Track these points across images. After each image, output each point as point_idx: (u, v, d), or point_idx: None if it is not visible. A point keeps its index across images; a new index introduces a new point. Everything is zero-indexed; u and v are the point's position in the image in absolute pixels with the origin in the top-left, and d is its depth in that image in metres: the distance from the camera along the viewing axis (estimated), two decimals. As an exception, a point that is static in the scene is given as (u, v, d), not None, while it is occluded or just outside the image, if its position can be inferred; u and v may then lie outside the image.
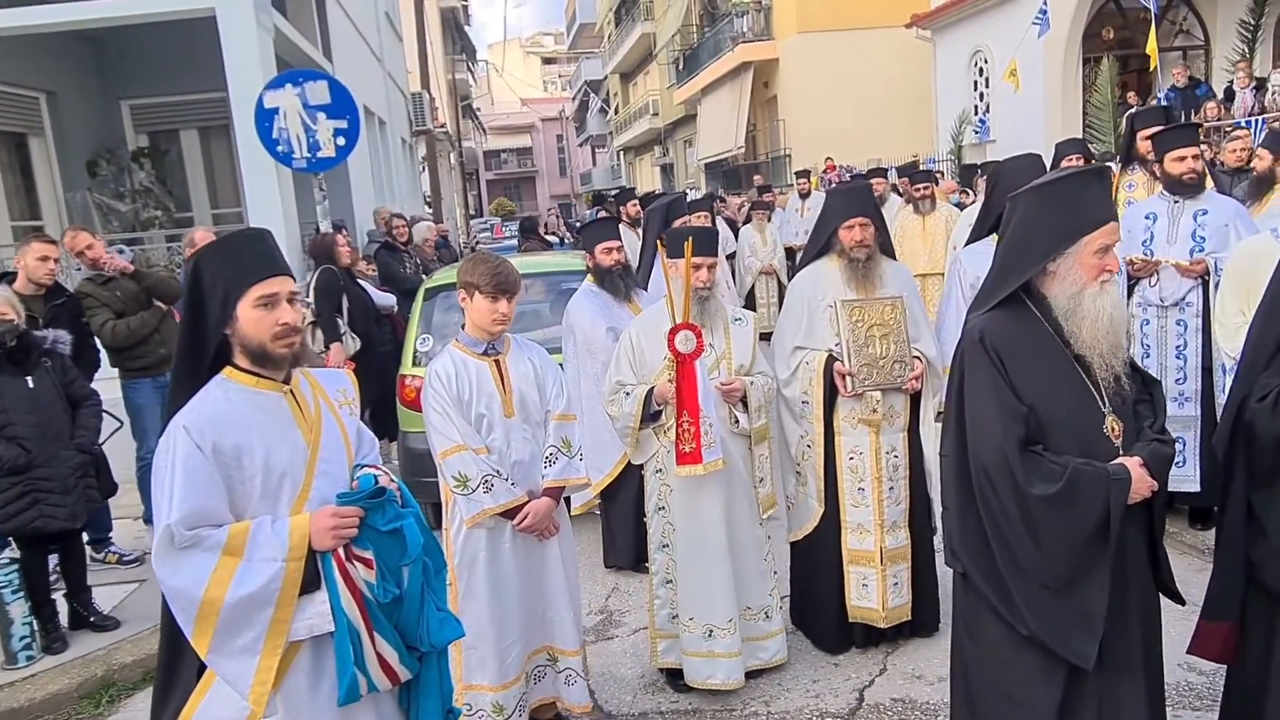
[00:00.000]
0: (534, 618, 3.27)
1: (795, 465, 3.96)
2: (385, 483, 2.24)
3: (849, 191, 3.90)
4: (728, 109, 24.61)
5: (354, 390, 2.47)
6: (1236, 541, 2.55)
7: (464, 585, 3.20)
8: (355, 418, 2.43)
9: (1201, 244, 4.50)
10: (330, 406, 2.33)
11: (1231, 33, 14.43)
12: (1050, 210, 2.33)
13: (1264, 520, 2.47)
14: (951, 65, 17.65)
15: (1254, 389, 2.44)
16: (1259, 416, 2.39)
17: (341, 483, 2.25)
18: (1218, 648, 2.65)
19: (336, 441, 2.28)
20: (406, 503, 2.29)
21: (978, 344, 2.37)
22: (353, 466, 2.31)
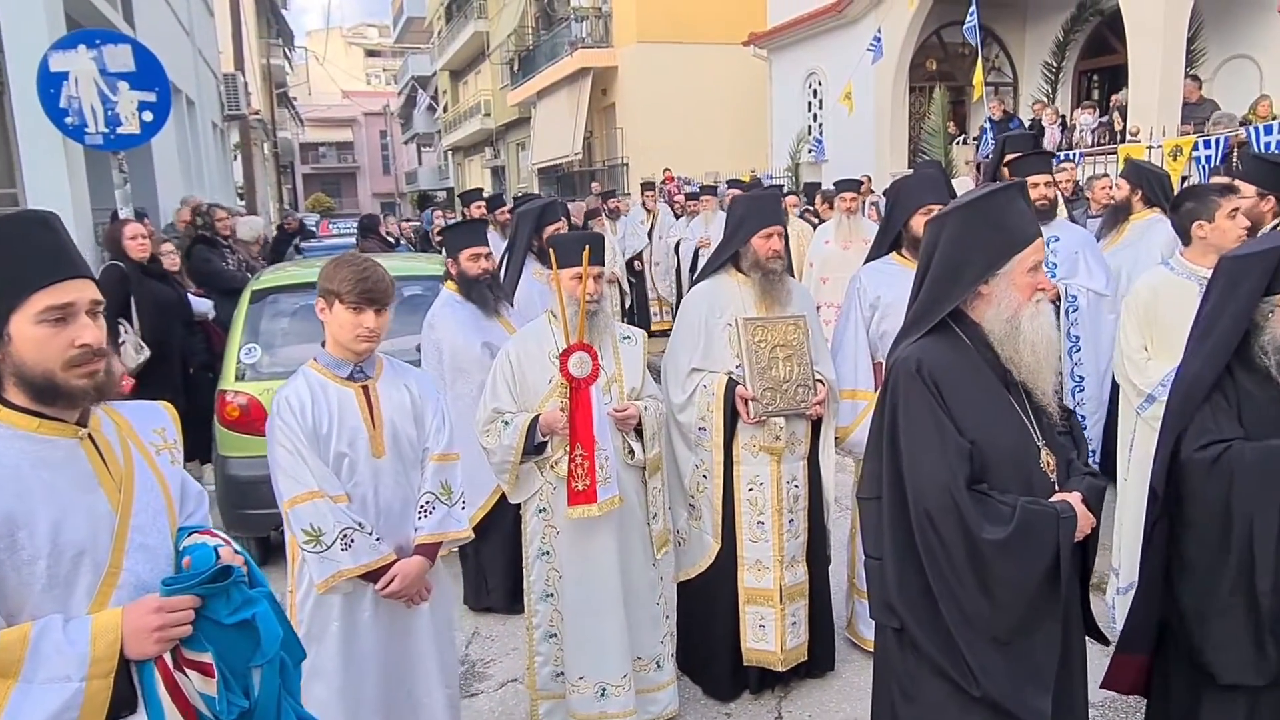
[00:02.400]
0: (398, 700, 2.70)
1: (688, 497, 3.62)
2: (229, 557, 1.69)
3: (763, 198, 3.60)
4: (565, 114, 24.26)
5: (175, 429, 1.88)
6: (1156, 576, 2.44)
7: (310, 662, 2.61)
8: (178, 466, 1.85)
9: (1053, 270, 4.54)
10: (145, 454, 1.75)
11: (1037, 73, 15.61)
12: (979, 229, 2.14)
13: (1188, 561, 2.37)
14: (786, 85, 18.12)
15: (1190, 429, 2.32)
16: (1194, 468, 2.28)
17: (164, 559, 1.68)
18: (1130, 680, 2.59)
19: (155, 503, 1.71)
20: (256, 581, 1.75)
21: (914, 375, 2.13)
22: (177, 533, 1.75)
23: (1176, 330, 3.54)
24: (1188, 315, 3.52)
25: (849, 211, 7.44)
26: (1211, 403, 2.28)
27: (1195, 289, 3.52)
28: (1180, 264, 3.59)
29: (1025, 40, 16.08)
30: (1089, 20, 14.67)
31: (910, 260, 3.63)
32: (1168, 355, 3.56)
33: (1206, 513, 2.25)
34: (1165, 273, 3.61)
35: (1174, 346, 3.55)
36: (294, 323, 5.16)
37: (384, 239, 9.20)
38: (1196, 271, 3.53)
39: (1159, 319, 3.55)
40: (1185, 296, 3.53)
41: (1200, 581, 2.28)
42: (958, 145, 12.77)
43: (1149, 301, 3.55)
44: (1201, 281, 3.51)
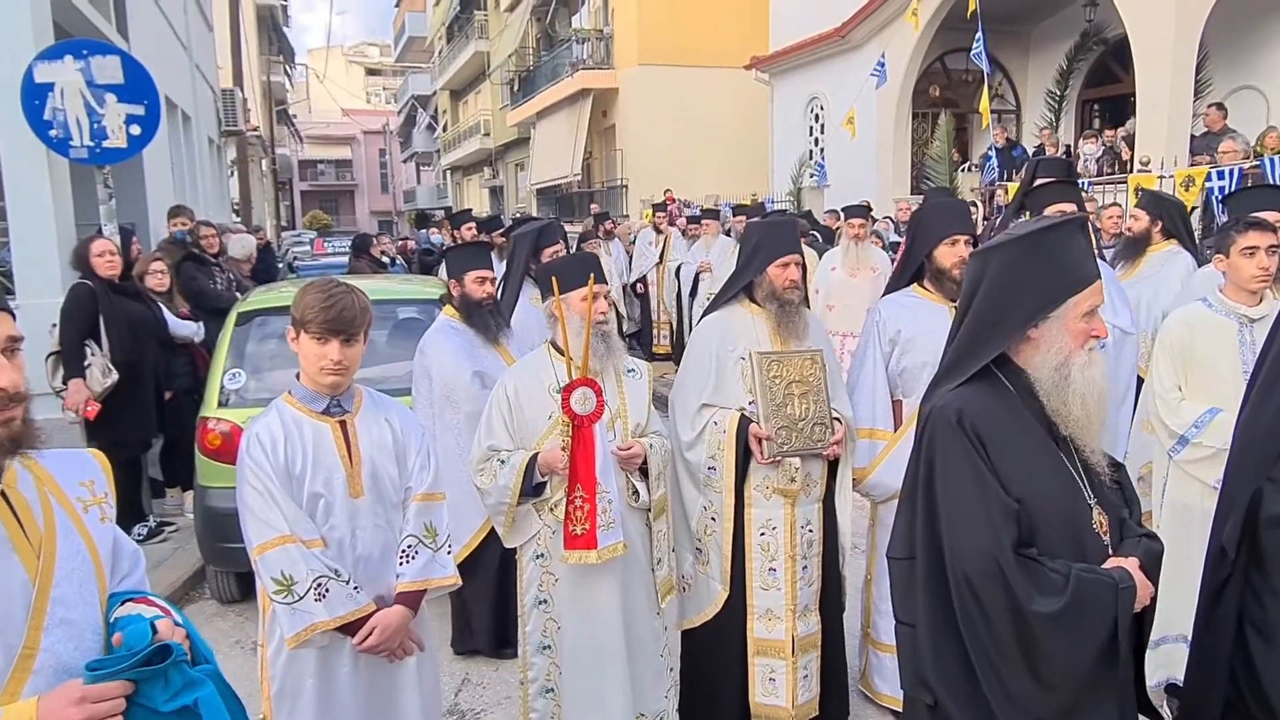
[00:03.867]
0: (380, 765, 2.47)
1: (695, 541, 3.39)
2: (167, 632, 1.45)
3: (779, 225, 3.40)
4: (564, 135, 24.17)
5: (106, 480, 1.64)
6: (1224, 644, 2.21)
7: (283, 725, 2.38)
8: (110, 523, 1.60)
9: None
10: (70, 511, 1.51)
11: (1040, 101, 15.53)
12: (1032, 267, 1.93)
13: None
14: (788, 109, 18.02)
15: (1270, 486, 2.10)
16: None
17: (91, 635, 1.45)
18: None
19: (82, 569, 1.48)
20: (200, 657, 1.51)
21: (955, 426, 1.91)
22: (107, 602, 1.51)
23: (1213, 370, 3.35)
24: (1225, 354, 3.36)
25: (857, 238, 7.26)
26: None
27: (1234, 327, 3.34)
28: (1220, 300, 3.39)
29: (1029, 68, 16.01)
30: (1093, 49, 14.60)
31: (932, 293, 3.43)
32: (1202, 396, 3.36)
33: None
34: (1203, 309, 3.40)
35: (1209, 387, 3.36)
36: (283, 347, 4.91)
37: (376, 259, 8.94)
38: (1236, 309, 3.34)
39: (1194, 357, 3.35)
40: (1224, 335, 3.35)
41: None
42: (963, 172, 12.62)
43: (1184, 339, 3.34)
44: (1241, 319, 3.33)
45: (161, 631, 1.42)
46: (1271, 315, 3.30)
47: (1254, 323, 3.31)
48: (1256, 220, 3.34)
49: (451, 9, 36.19)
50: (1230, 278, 3.36)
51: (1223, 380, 3.32)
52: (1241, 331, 3.32)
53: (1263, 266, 3.26)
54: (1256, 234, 3.26)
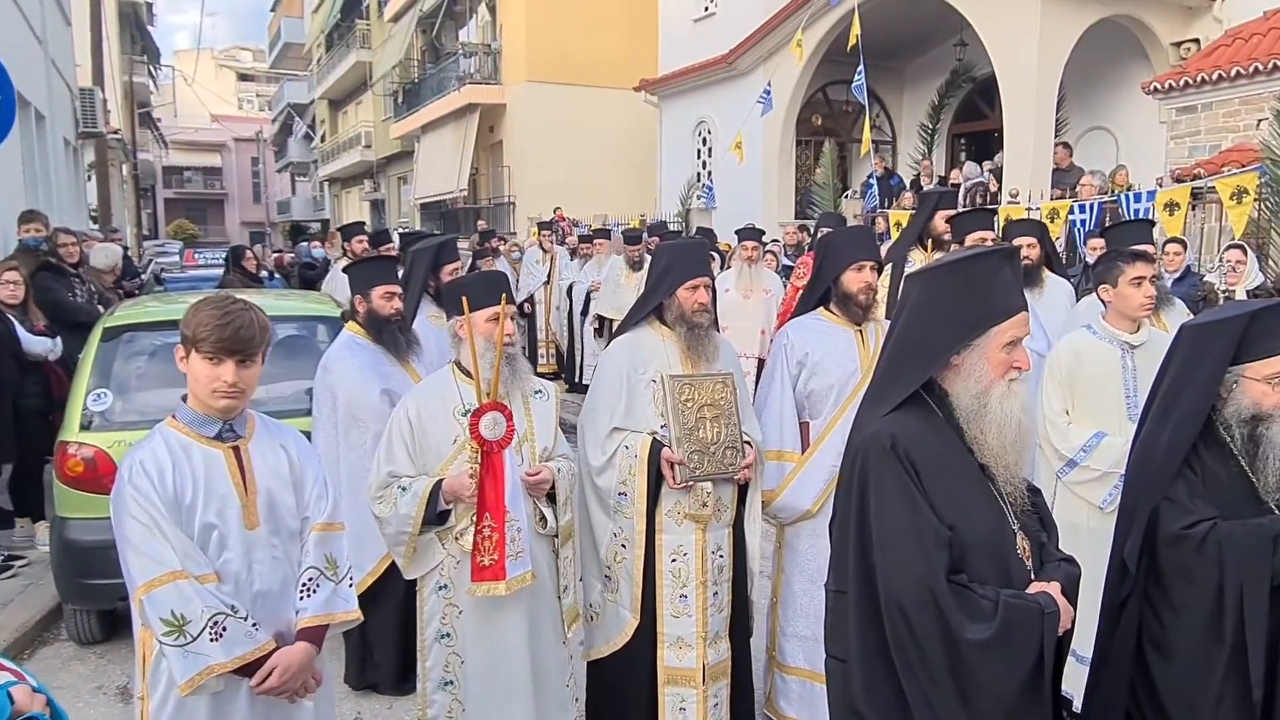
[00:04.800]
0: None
1: (604, 568, 3.31)
2: (25, 702, 1.27)
3: (689, 247, 3.38)
4: (450, 149, 23.78)
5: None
6: (1126, 658, 2.30)
7: (169, 781, 2.17)
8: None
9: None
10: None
11: (914, 133, 16.32)
12: (957, 294, 1.96)
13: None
14: (677, 131, 18.28)
15: (1166, 505, 2.20)
16: (1182, 547, 2.15)
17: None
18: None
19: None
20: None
21: (889, 453, 1.92)
22: None
23: (1098, 395, 3.52)
24: (1110, 380, 3.54)
25: (750, 260, 7.37)
26: (1184, 478, 2.17)
27: (1118, 354, 3.52)
28: (1103, 328, 3.57)
29: (903, 103, 16.79)
30: (962, 87, 15.44)
31: (839, 316, 3.49)
32: (1089, 420, 3.52)
33: (1196, 595, 2.12)
34: (1088, 336, 3.58)
35: (1095, 410, 3.53)
36: (154, 366, 4.60)
37: (250, 273, 8.46)
38: (1119, 336, 3.52)
39: (1081, 383, 3.52)
40: (1109, 361, 3.52)
41: (1188, 668, 2.14)
42: (845, 199, 13.09)
43: (1072, 366, 3.50)
44: (1123, 345, 3.51)
45: (19, 701, 1.24)
46: (1150, 342, 3.52)
47: (1135, 349, 3.50)
48: (1142, 252, 3.54)
49: (332, 16, 35.15)
50: (1116, 306, 3.52)
51: (1107, 404, 3.49)
52: (1124, 358, 3.50)
53: (1149, 295, 3.45)
54: (1143, 265, 3.45)
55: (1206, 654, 2.13)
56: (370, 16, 31.83)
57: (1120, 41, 12.28)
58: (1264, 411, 2.13)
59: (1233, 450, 2.19)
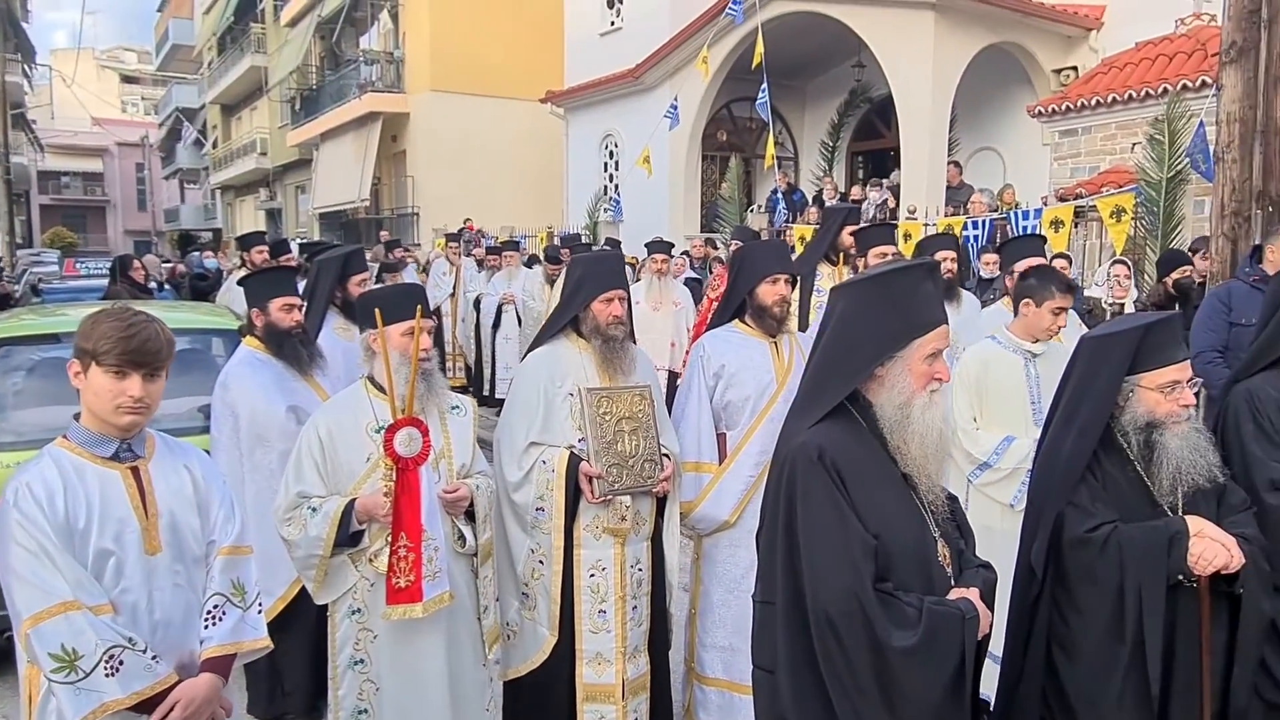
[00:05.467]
0: None
1: (521, 585, 3.26)
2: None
3: (603, 259, 3.37)
4: (351, 158, 23.20)
5: None
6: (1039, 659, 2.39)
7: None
8: None
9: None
10: None
11: (815, 151, 16.77)
12: (881, 306, 2.01)
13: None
14: (584, 144, 18.31)
15: (1070, 510, 2.30)
16: (1085, 550, 2.24)
17: None
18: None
19: None
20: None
21: (816, 463, 1.95)
22: None
23: (1004, 401, 3.66)
24: (1015, 387, 3.69)
25: (659, 273, 7.42)
26: (1086, 483, 2.27)
27: (1021, 362, 3.67)
28: (1007, 338, 3.72)
29: (805, 120, 17.24)
30: (860, 106, 15.96)
31: (753, 329, 3.53)
32: (996, 426, 3.66)
33: (1099, 597, 2.21)
34: (993, 346, 3.72)
35: (1002, 416, 3.67)
36: (32, 382, 4.32)
37: (137, 283, 8.03)
38: (1022, 346, 3.67)
39: (988, 390, 3.65)
40: (1013, 369, 3.68)
41: (1092, 668, 2.23)
42: (751, 213, 13.33)
43: (979, 374, 3.64)
44: (1026, 355, 3.67)
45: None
46: (1049, 352, 3.69)
47: (1036, 358, 3.67)
48: (1071, 284, 3.70)
49: (224, 19, 33.90)
50: (1030, 322, 3.64)
51: (1013, 410, 3.64)
52: (1027, 366, 3.66)
53: (1060, 325, 3.63)
54: (1065, 298, 3.61)
55: (1109, 653, 2.23)
56: (265, 20, 30.84)
57: (1006, 67, 12.91)
58: (1158, 419, 2.24)
59: (1130, 456, 2.30)
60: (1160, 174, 8.27)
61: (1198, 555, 2.15)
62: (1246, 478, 2.41)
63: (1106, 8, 12.43)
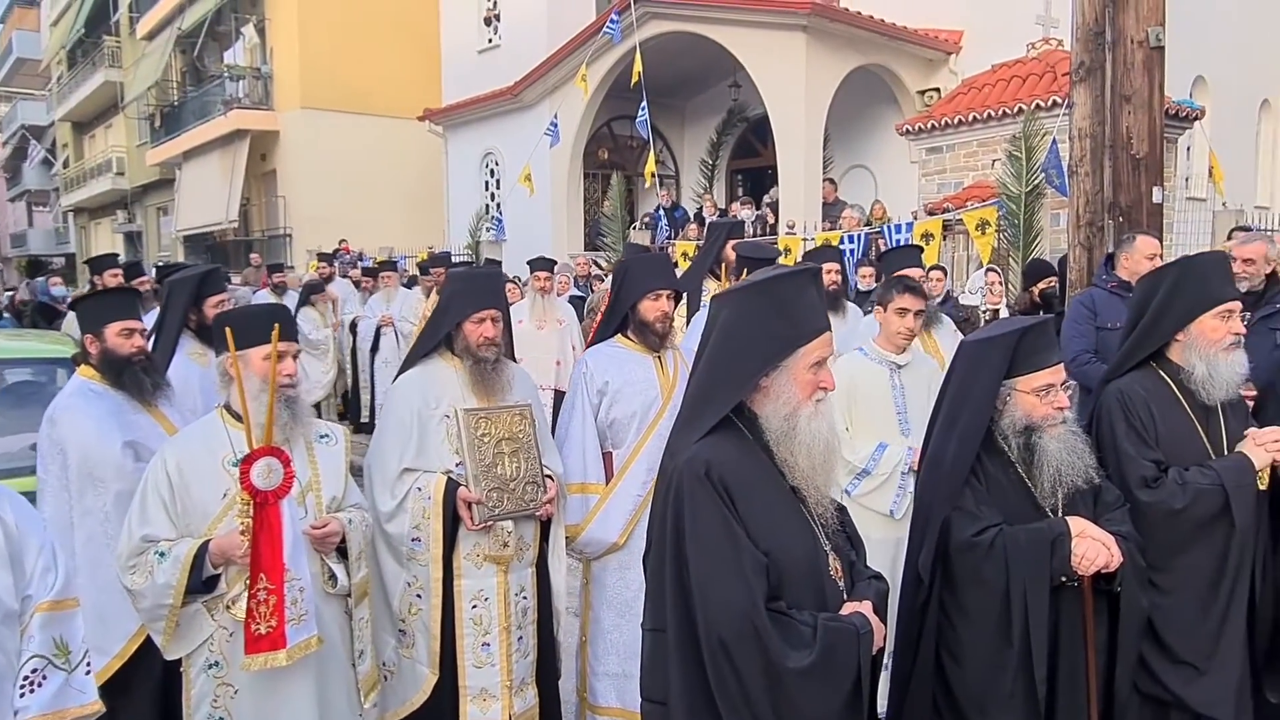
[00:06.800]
0: None
1: (398, 622, 3.06)
2: None
3: (476, 277, 3.21)
4: (217, 178, 22.13)
5: None
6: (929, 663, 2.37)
7: None
8: None
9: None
10: None
11: (695, 168, 16.99)
12: (764, 315, 1.94)
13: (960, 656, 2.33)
14: (464, 162, 18.02)
15: (956, 515, 2.29)
16: (972, 554, 2.24)
17: None
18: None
19: None
20: None
21: (703, 479, 1.87)
22: None
23: (873, 410, 3.70)
24: (882, 397, 3.74)
25: (542, 291, 7.28)
26: (971, 487, 2.26)
27: (887, 373, 3.72)
28: (873, 349, 3.77)
29: (684, 139, 17.46)
30: (737, 125, 16.28)
31: (636, 343, 3.45)
32: (867, 435, 3.69)
33: (986, 599, 2.21)
34: (861, 357, 3.76)
35: (871, 426, 3.70)
36: None
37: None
38: (888, 357, 3.72)
39: (857, 400, 3.68)
40: (879, 380, 3.73)
41: (980, 671, 2.22)
42: (634, 230, 13.36)
43: (847, 385, 3.66)
44: (891, 366, 3.72)
45: None
46: (915, 361, 3.76)
47: (901, 369, 3.73)
48: (913, 285, 3.76)
49: (74, 31, 31.91)
50: (883, 329, 3.74)
51: (882, 419, 3.69)
52: (892, 377, 3.72)
53: (909, 326, 3.67)
54: (910, 298, 3.66)
55: (997, 656, 2.23)
56: (120, 33, 29.20)
57: (875, 88, 13.40)
58: (1035, 422, 2.27)
59: (1011, 459, 2.32)
60: (1019, 188, 8.69)
61: (1080, 556, 2.17)
62: (1120, 475, 2.47)
63: (964, 33, 13.07)
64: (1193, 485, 2.40)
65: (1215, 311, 2.52)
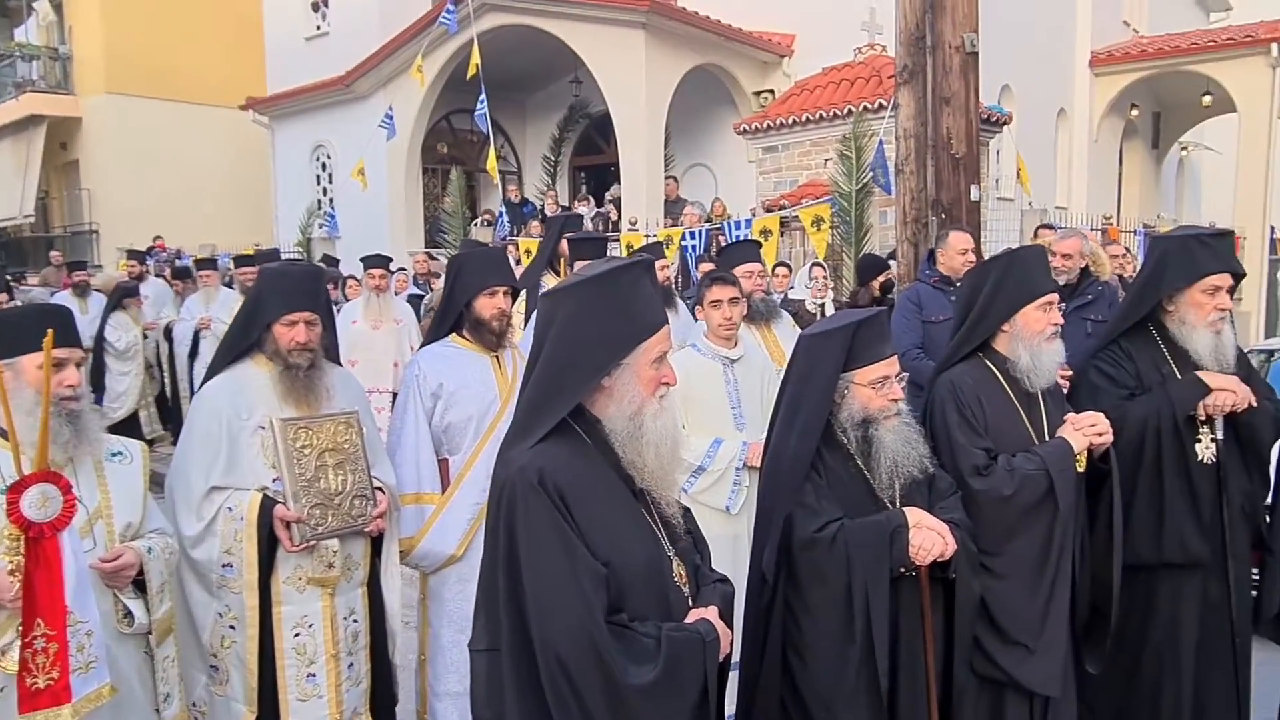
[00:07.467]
0: None
1: (209, 657, 2.77)
2: None
3: (288, 276, 2.92)
4: (10, 169, 20.03)
5: None
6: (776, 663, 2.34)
7: None
8: None
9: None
10: None
11: (538, 165, 16.79)
12: (603, 311, 1.83)
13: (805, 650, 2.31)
14: (293, 155, 17.09)
15: (798, 511, 2.27)
16: (814, 550, 2.21)
17: None
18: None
19: None
20: None
21: (536, 489, 1.75)
22: None
23: (707, 407, 3.68)
24: (715, 393, 3.72)
25: (378, 289, 6.94)
26: (812, 482, 2.24)
27: (719, 368, 3.71)
28: (705, 345, 3.75)
29: (526, 135, 17.23)
30: (579, 122, 16.21)
31: (472, 343, 3.28)
32: (701, 431, 3.66)
33: (829, 596, 2.19)
34: (693, 354, 3.73)
35: (707, 422, 3.67)
36: None
37: None
38: (719, 353, 3.71)
39: (692, 398, 3.64)
40: (712, 376, 3.71)
41: (825, 667, 2.20)
42: (476, 226, 13.04)
43: (682, 382, 3.61)
44: (724, 360, 3.70)
45: None
46: (746, 355, 3.76)
47: (734, 363, 3.71)
48: (720, 276, 3.76)
49: None
50: (707, 325, 3.72)
51: (716, 415, 3.66)
52: (725, 372, 3.70)
53: (726, 316, 3.65)
54: (719, 288, 3.65)
55: (841, 651, 2.21)
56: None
57: (714, 88, 13.65)
58: (872, 414, 2.27)
59: (850, 452, 2.32)
60: (850, 186, 9.04)
61: (918, 546, 2.19)
62: (953, 463, 2.52)
63: (796, 36, 13.51)
64: (1020, 471, 2.48)
65: (1037, 303, 2.62)
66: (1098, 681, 2.84)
